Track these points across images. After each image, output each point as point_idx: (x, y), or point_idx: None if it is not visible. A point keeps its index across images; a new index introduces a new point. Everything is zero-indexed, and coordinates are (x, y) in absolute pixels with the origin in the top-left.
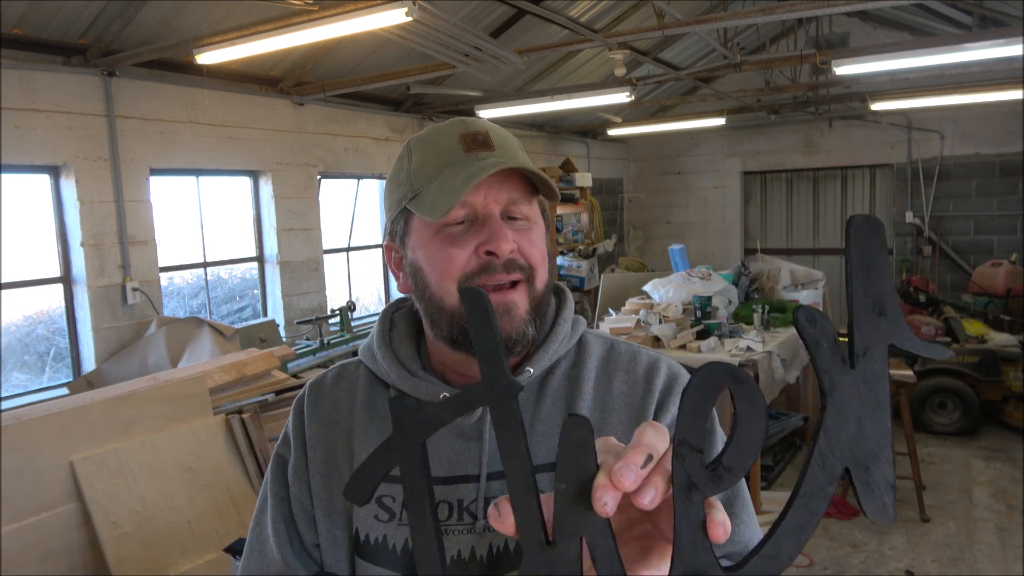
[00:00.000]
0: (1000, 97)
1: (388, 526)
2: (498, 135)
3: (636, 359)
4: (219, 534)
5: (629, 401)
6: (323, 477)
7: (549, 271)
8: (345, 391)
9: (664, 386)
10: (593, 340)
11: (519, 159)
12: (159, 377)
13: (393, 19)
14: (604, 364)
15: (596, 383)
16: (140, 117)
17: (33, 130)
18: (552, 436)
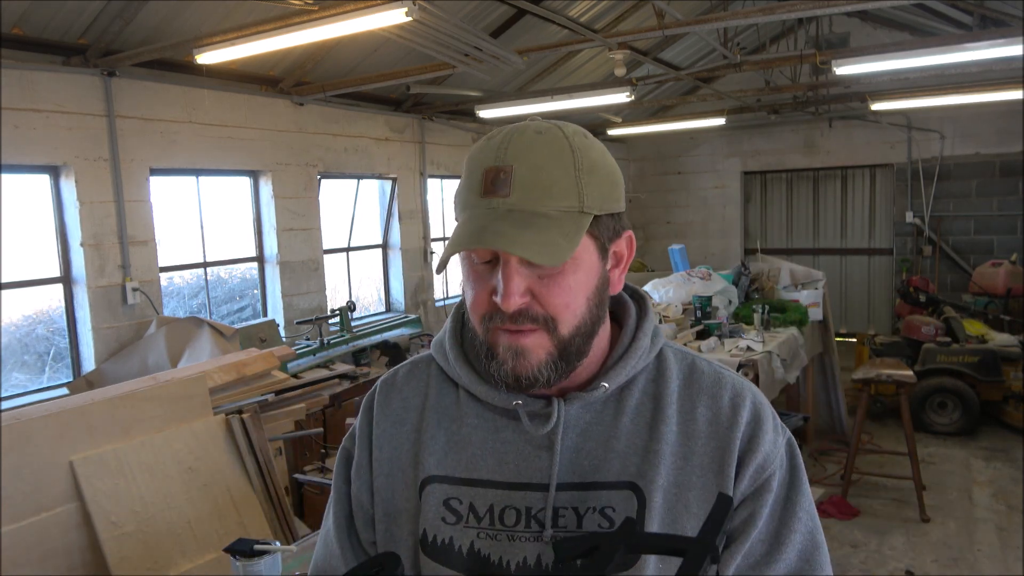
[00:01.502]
0: (1000, 97)
1: (455, 528)
2: (530, 167)
3: (720, 383)
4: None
5: (714, 431)
6: (387, 477)
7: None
8: (415, 390)
9: (750, 419)
10: (672, 356)
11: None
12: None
13: (393, 19)
14: (687, 385)
15: (680, 406)
16: (140, 117)
17: (33, 130)
18: (629, 456)
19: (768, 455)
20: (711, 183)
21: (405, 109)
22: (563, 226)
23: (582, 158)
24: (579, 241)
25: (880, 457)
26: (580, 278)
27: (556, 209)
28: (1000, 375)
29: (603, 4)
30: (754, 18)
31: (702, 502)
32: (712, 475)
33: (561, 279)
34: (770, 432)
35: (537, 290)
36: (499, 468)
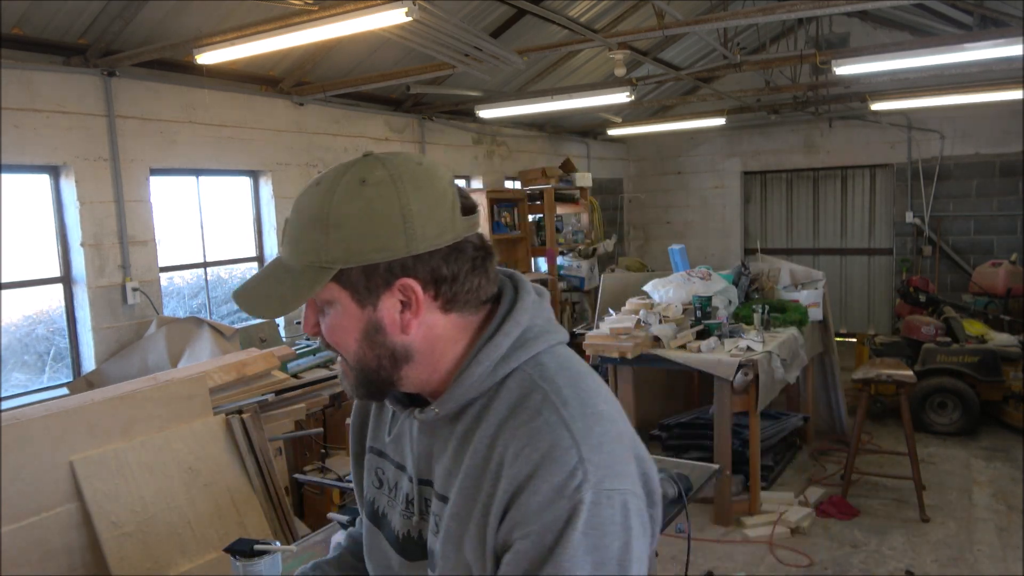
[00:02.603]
0: (1000, 97)
1: (378, 492)
2: (291, 223)
3: (530, 421)
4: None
5: (499, 469)
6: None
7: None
8: None
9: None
10: (516, 383)
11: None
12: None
13: (393, 19)
14: (506, 415)
15: (489, 438)
16: (140, 117)
17: (33, 130)
18: (445, 471)
19: (527, 515)
20: (711, 183)
21: (405, 109)
22: (299, 280)
23: (334, 212)
24: (309, 294)
25: (880, 457)
26: (343, 324)
27: (300, 263)
28: (1000, 375)
29: (603, 4)
30: (754, 18)
31: (475, 539)
32: (484, 514)
33: (330, 319)
34: (543, 492)
35: (322, 326)
36: (394, 451)
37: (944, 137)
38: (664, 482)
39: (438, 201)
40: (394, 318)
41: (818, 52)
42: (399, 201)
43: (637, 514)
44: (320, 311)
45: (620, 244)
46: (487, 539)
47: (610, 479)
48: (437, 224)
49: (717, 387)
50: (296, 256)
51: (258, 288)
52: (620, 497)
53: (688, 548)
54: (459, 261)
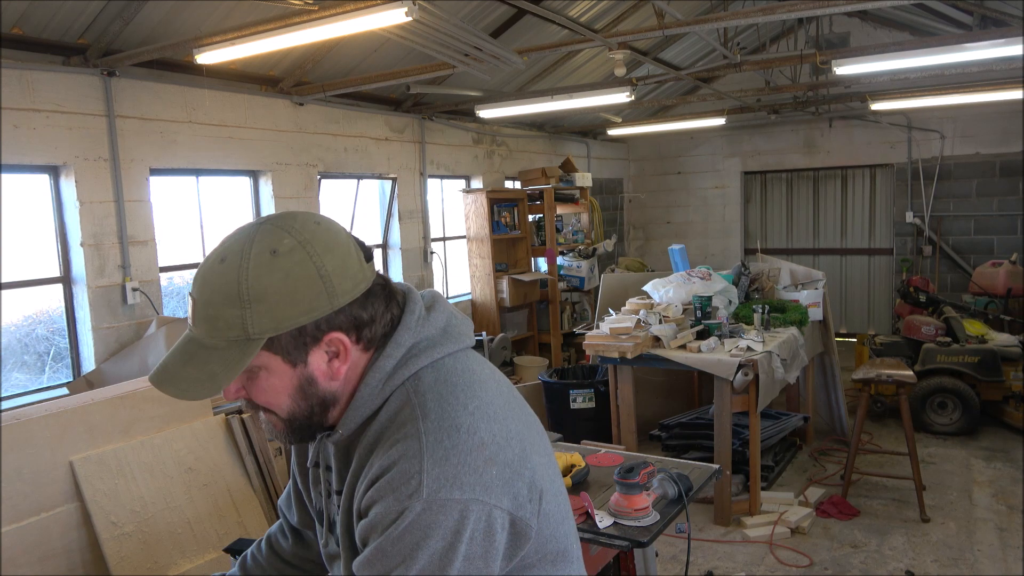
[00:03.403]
0: (1000, 97)
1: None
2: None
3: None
4: (219, 534)
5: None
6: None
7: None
8: None
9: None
10: (396, 400)
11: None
12: None
13: (393, 19)
14: (383, 428)
15: (366, 452)
16: (140, 117)
17: (33, 130)
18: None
19: (371, 507)
20: (711, 183)
21: (405, 109)
22: (226, 356)
23: (253, 284)
24: (241, 367)
25: (880, 457)
26: (273, 384)
27: (222, 339)
28: (1000, 375)
29: (603, 4)
30: (754, 18)
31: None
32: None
33: (258, 383)
34: (384, 491)
35: (248, 387)
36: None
37: (944, 137)
38: (664, 482)
39: (346, 256)
40: (324, 369)
41: (818, 52)
42: (313, 264)
43: (476, 524)
44: (244, 378)
45: (620, 244)
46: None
47: (448, 489)
48: (351, 277)
49: (717, 387)
50: (216, 333)
51: (183, 371)
52: (458, 506)
53: (688, 548)
54: (374, 304)
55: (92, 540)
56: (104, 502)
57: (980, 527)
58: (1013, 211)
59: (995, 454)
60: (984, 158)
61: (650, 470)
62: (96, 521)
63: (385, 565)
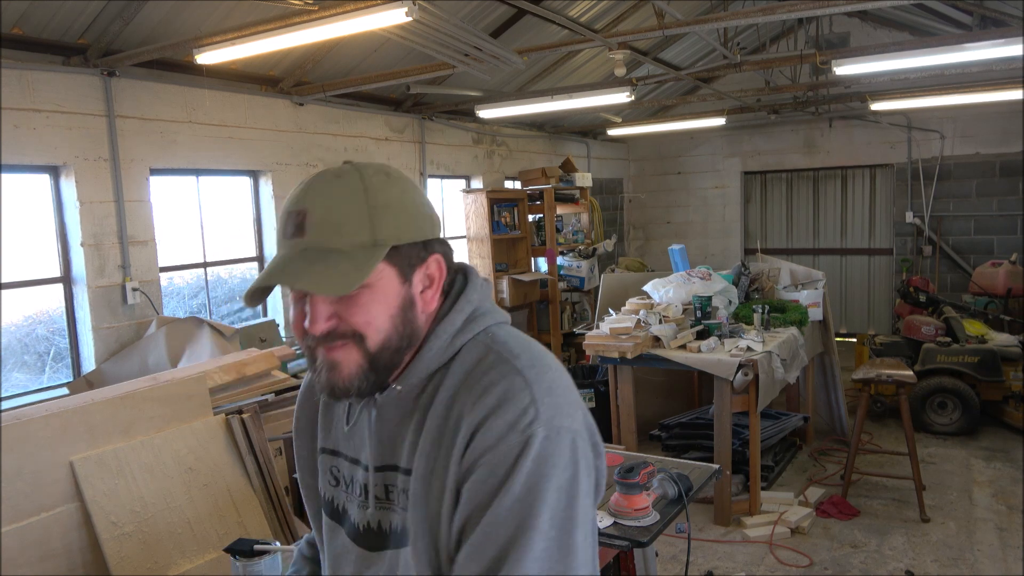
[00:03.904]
0: (1000, 97)
1: (335, 490)
2: (320, 212)
3: (484, 376)
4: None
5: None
6: (301, 441)
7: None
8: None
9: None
10: (471, 350)
11: (335, 241)
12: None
13: (393, 19)
14: (463, 376)
15: (448, 397)
16: (140, 117)
17: (33, 130)
18: (409, 444)
19: (483, 448)
20: (711, 183)
21: (405, 109)
22: (355, 258)
23: (376, 196)
24: (371, 269)
25: (880, 457)
26: (379, 299)
27: (348, 244)
28: (1000, 375)
29: (603, 4)
30: (754, 18)
31: (442, 491)
32: (449, 464)
33: (360, 300)
34: (496, 429)
35: (341, 311)
36: (349, 447)
37: (944, 137)
38: (664, 482)
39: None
40: (419, 296)
41: (818, 52)
42: (418, 191)
43: (584, 453)
44: (339, 299)
45: (620, 244)
46: (448, 484)
47: (560, 417)
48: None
49: (717, 387)
50: (341, 238)
51: (311, 269)
52: (569, 435)
53: (688, 548)
54: (447, 247)
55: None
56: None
57: (980, 527)
58: (1013, 211)
59: (995, 454)
60: (984, 158)
61: (650, 470)
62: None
63: (522, 508)
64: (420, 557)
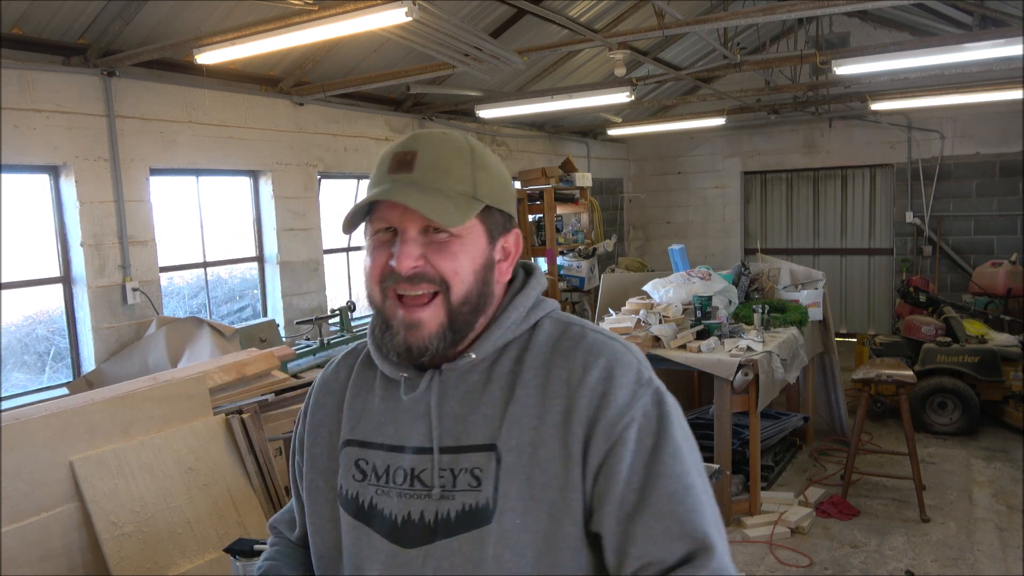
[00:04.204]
0: (1000, 97)
1: (361, 485)
2: (432, 154)
3: (579, 346)
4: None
5: (564, 390)
6: (315, 436)
7: (482, 281)
8: (345, 367)
9: (601, 375)
10: (549, 325)
11: (439, 182)
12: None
13: (393, 19)
14: (551, 351)
15: (539, 370)
16: (140, 117)
17: (33, 130)
18: (491, 419)
19: (621, 409)
20: (711, 183)
21: (405, 109)
22: (456, 201)
23: (479, 157)
24: (470, 216)
25: (880, 457)
26: (468, 250)
27: (452, 190)
28: (1000, 375)
29: (603, 4)
30: (754, 18)
31: (554, 458)
32: (563, 431)
33: (451, 246)
34: (625, 387)
35: (430, 255)
36: (394, 433)
37: (944, 137)
38: None
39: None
40: (495, 262)
41: (818, 52)
42: (506, 170)
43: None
44: (425, 242)
45: (620, 244)
46: (571, 450)
47: (655, 379)
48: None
49: (717, 387)
50: (448, 183)
51: (420, 196)
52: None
53: None
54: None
55: (92, 540)
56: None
57: (980, 527)
58: (1013, 211)
59: (995, 454)
60: (984, 158)
61: None
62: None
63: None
64: (524, 529)
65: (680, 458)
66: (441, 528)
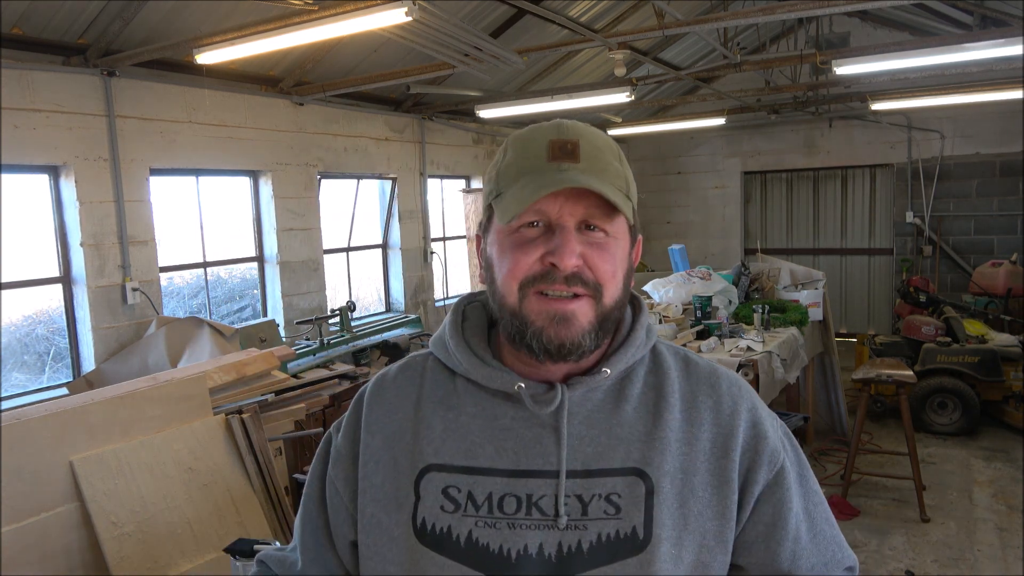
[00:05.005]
0: (1000, 97)
1: (453, 516)
2: (590, 145)
3: (716, 376)
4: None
5: (716, 418)
6: (378, 463)
7: (626, 286)
8: (409, 381)
9: (750, 407)
10: (666, 350)
11: (603, 176)
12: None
13: (393, 19)
14: (685, 376)
15: (682, 395)
16: (140, 117)
17: (33, 130)
18: (633, 442)
19: (775, 443)
20: (711, 183)
21: (405, 109)
22: (617, 197)
23: (623, 156)
24: (631, 212)
25: (880, 457)
26: (619, 254)
27: (612, 184)
28: (1000, 375)
29: (603, 4)
30: (754, 18)
31: (707, 486)
32: (716, 459)
33: (609, 248)
34: (769, 420)
35: (588, 256)
36: (499, 455)
37: (944, 137)
38: None
39: None
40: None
41: (818, 52)
42: None
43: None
44: (586, 241)
45: None
46: (727, 477)
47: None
48: None
49: None
50: (610, 177)
51: (601, 183)
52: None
53: None
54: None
55: (92, 540)
56: (104, 502)
57: (980, 527)
58: (1013, 211)
59: (995, 454)
60: (984, 158)
61: None
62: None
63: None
64: (679, 560)
65: (817, 485)
66: (573, 561)
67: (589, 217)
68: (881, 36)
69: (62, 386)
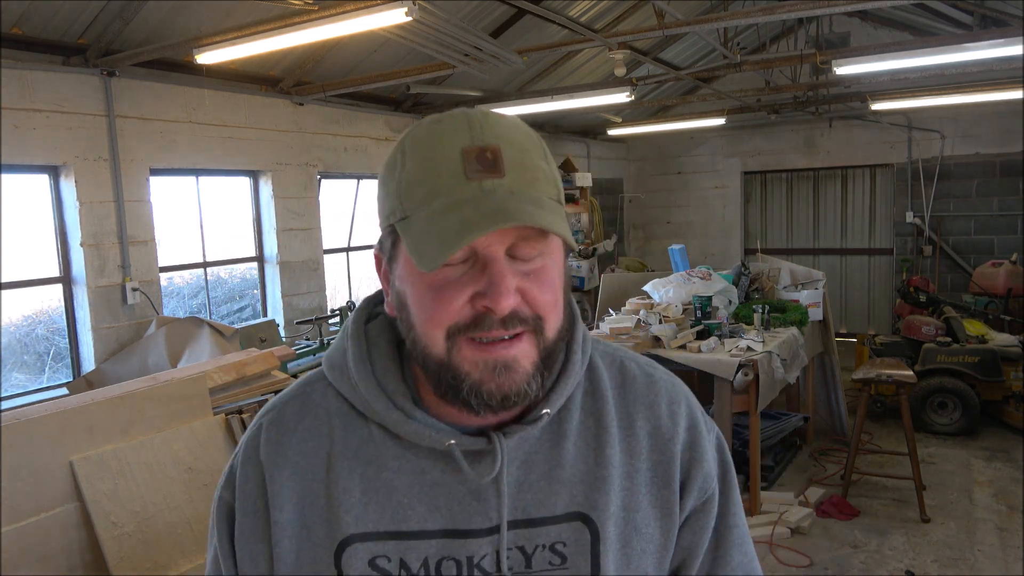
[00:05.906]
0: (1000, 97)
1: None
2: (513, 148)
3: (654, 389)
4: None
5: (655, 444)
6: (291, 540)
7: (567, 309)
8: (313, 431)
9: (688, 425)
10: (601, 362)
11: (535, 188)
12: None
13: (393, 19)
14: (621, 395)
15: (620, 422)
16: (140, 117)
17: (33, 130)
18: (575, 484)
19: (708, 469)
20: (711, 183)
21: (405, 109)
22: (554, 211)
23: (544, 145)
24: (568, 230)
25: (880, 457)
26: (557, 272)
27: (546, 195)
28: (1000, 375)
29: (603, 4)
30: (754, 18)
31: (650, 520)
32: (658, 490)
33: (547, 274)
34: (706, 437)
35: (525, 290)
36: (431, 515)
37: (944, 137)
38: None
39: None
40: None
41: (818, 52)
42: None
43: None
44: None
45: (620, 244)
46: (668, 509)
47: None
48: None
49: (717, 387)
50: (537, 188)
51: (537, 212)
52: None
53: None
54: None
55: (92, 540)
56: (104, 502)
57: (980, 527)
58: (1013, 211)
59: (995, 454)
60: (984, 158)
61: None
62: (96, 521)
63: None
64: None
65: (739, 503)
66: None
67: (522, 239)
68: (881, 36)
69: (62, 386)
